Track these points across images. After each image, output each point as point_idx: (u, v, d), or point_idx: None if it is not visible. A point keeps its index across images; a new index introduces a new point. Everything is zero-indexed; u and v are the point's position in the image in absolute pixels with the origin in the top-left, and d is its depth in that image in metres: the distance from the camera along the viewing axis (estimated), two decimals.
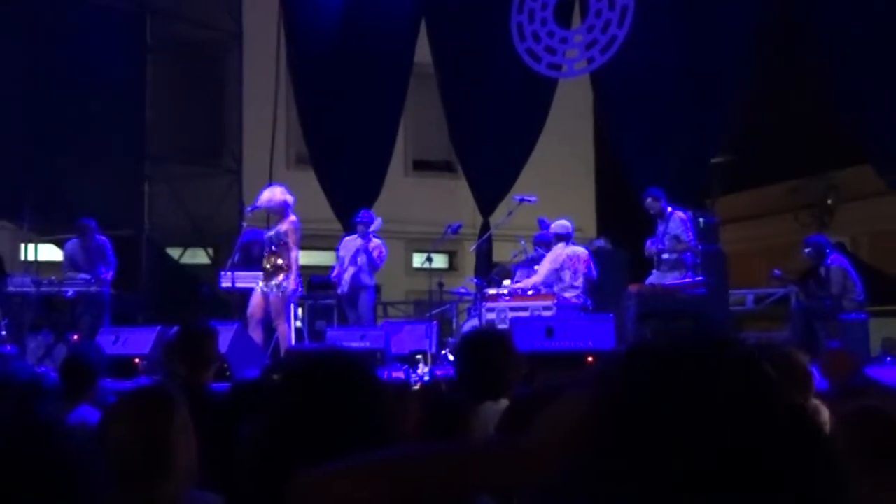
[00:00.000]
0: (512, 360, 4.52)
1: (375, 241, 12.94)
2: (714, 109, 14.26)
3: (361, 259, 12.74)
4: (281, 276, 11.12)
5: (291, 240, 11.13)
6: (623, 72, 14.71)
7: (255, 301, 11.30)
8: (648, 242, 12.22)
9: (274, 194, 11.28)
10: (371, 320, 12.94)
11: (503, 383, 4.35)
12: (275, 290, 11.10)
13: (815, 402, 4.23)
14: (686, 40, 14.41)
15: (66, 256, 12.99)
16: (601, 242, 14.40)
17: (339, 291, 12.90)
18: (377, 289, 13.36)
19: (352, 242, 12.94)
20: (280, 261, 11.10)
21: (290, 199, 11.25)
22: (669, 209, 12.17)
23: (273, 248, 11.12)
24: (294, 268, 11.27)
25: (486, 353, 4.49)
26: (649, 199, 12.25)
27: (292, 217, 11.20)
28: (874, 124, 13.02)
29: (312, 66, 16.63)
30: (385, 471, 1.48)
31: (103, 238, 12.97)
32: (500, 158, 15.90)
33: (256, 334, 11.16)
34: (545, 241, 12.72)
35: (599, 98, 16.15)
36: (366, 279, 12.83)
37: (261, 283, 11.24)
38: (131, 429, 3.18)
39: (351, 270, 12.74)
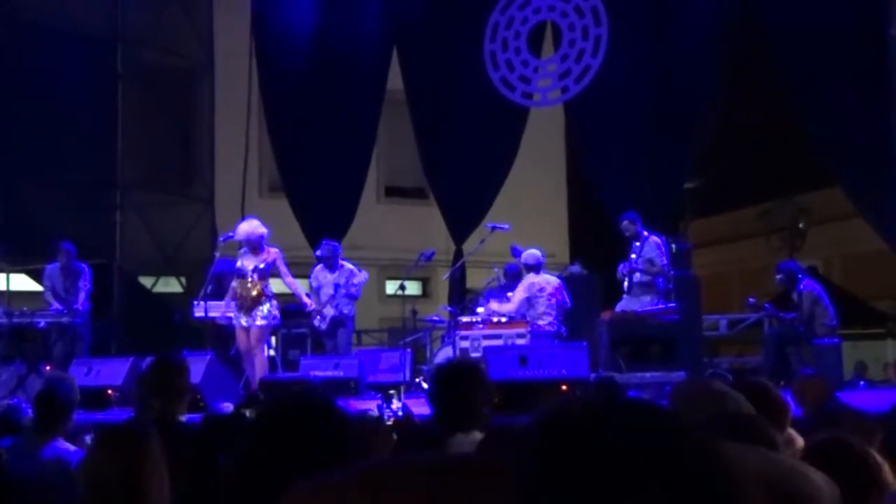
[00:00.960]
0: (484, 391, 4.54)
1: (347, 267, 12.90)
2: (685, 135, 14.42)
3: (340, 299, 12.71)
4: (266, 307, 11.08)
5: (283, 267, 11.19)
6: (596, 101, 14.84)
7: (243, 337, 11.17)
8: (620, 266, 12.28)
9: (253, 227, 11.23)
10: (348, 350, 12.91)
11: (475, 415, 4.37)
12: (259, 320, 11.04)
13: (790, 431, 4.26)
14: (658, 68, 14.56)
15: (46, 280, 12.97)
16: (576, 268, 14.44)
17: (317, 325, 12.80)
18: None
19: (323, 275, 12.87)
20: (262, 290, 11.07)
21: (265, 231, 11.26)
22: (645, 233, 12.23)
23: (254, 278, 11.04)
24: (302, 292, 11.48)
25: (457, 385, 4.50)
26: (625, 223, 12.30)
27: (272, 249, 11.24)
28: (842, 148, 13.19)
29: (284, 92, 16.64)
30: (370, 482, 1.52)
31: (82, 264, 12.98)
32: (472, 187, 15.93)
33: (256, 369, 11.08)
34: (515, 273, 12.79)
35: (573, 126, 16.25)
36: (345, 311, 12.81)
37: (242, 319, 11.10)
38: (106, 467, 3.20)
39: (331, 311, 12.69)
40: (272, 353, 12.77)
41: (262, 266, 11.08)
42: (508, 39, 15.38)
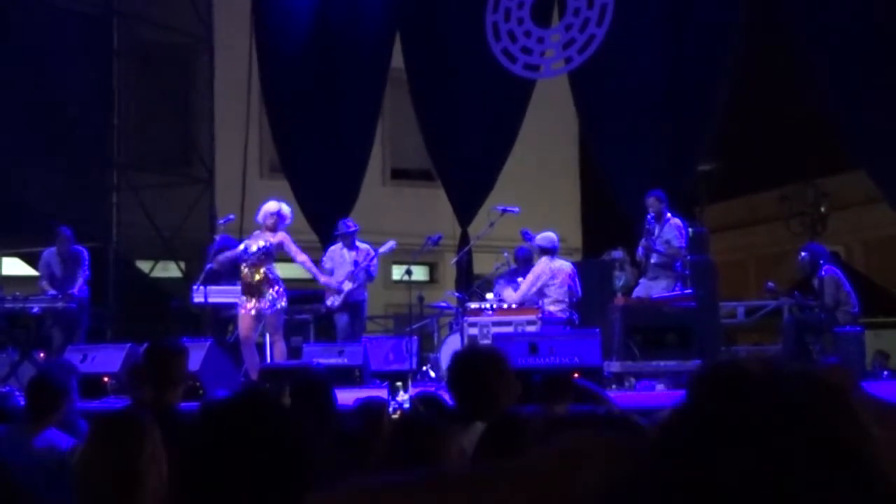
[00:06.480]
0: (505, 381, 4.49)
1: (363, 247, 12.93)
2: (699, 114, 14.23)
3: (359, 276, 12.71)
4: (273, 290, 10.87)
5: (293, 247, 11.08)
6: (603, 74, 14.67)
7: (246, 322, 10.96)
8: (640, 248, 12.21)
9: (270, 207, 11.14)
10: (362, 337, 12.87)
11: (495, 404, 4.32)
12: (269, 305, 10.84)
13: None
14: (668, 40, 14.37)
15: (42, 266, 12.87)
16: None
17: (330, 304, 12.76)
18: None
19: (340, 255, 12.87)
20: (266, 274, 10.86)
21: (281, 212, 11.16)
22: (668, 214, 12.14)
23: (256, 260, 10.85)
24: (316, 270, 11.51)
25: (476, 372, 4.47)
26: (652, 199, 12.13)
27: (279, 232, 11.14)
28: (867, 130, 13.05)
29: (285, 71, 16.61)
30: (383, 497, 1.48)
31: (80, 248, 12.88)
32: (476, 165, 15.84)
33: (255, 357, 10.95)
34: (526, 257, 12.74)
35: (578, 101, 16.04)
36: (360, 293, 12.81)
37: (248, 302, 10.89)
38: (101, 459, 3.18)
39: (349, 285, 12.65)
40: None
41: (264, 247, 10.90)
42: (511, 9, 15.22)
